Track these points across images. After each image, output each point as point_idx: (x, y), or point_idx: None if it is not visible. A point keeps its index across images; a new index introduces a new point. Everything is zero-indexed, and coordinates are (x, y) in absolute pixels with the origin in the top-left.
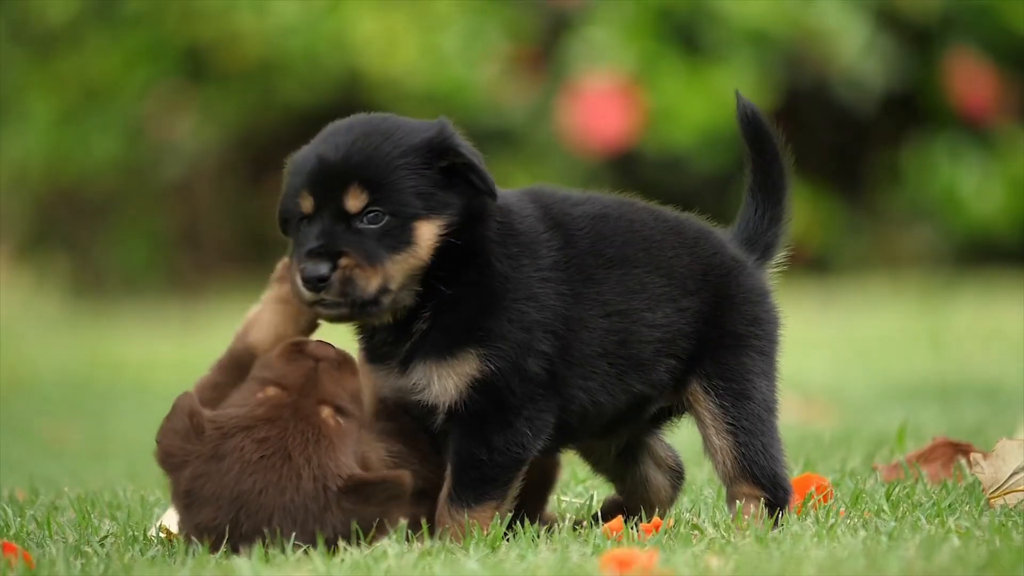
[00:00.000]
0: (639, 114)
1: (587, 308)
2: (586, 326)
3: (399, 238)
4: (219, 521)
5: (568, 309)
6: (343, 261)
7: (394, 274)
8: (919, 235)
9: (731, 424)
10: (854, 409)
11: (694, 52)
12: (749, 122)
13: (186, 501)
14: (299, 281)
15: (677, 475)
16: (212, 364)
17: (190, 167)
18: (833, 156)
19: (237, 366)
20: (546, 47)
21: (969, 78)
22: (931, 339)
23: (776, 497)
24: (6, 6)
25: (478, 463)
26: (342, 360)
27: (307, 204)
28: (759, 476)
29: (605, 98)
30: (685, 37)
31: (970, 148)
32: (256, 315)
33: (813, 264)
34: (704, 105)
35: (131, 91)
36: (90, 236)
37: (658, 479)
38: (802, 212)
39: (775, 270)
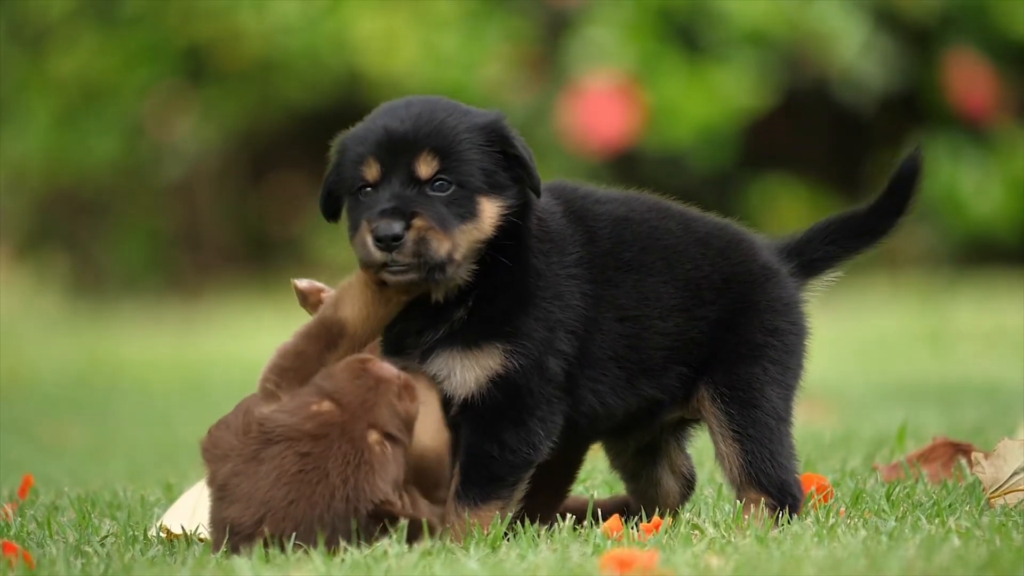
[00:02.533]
0: (639, 114)
1: (603, 311)
2: (600, 329)
3: (466, 208)
4: (244, 520)
5: (587, 310)
6: (417, 222)
7: (460, 243)
8: (919, 235)
9: (737, 432)
10: (854, 409)
11: (694, 52)
12: (907, 179)
13: (219, 494)
14: (370, 241)
15: (688, 484)
16: (297, 329)
17: (190, 167)
18: (832, 156)
19: (326, 335)
20: (546, 47)
21: (968, 78)
22: (931, 339)
23: (784, 504)
24: (5, 6)
25: (488, 460)
26: (404, 384)
27: (373, 171)
28: (766, 484)
29: (605, 98)
30: (685, 37)
31: (970, 148)
32: (347, 289)
33: None
34: (704, 104)
35: (131, 91)
36: (90, 236)
37: (669, 483)
38: (801, 211)
39: (818, 285)
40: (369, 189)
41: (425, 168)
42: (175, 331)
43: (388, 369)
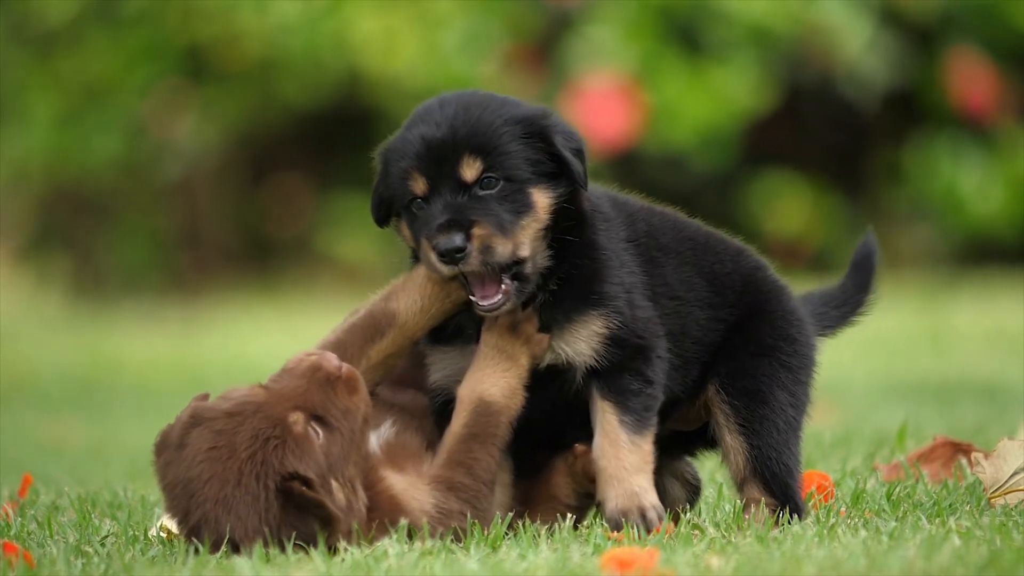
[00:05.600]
0: (640, 113)
1: (657, 284)
2: (658, 301)
3: (520, 202)
4: (176, 509)
5: (647, 280)
6: (476, 231)
7: (523, 239)
8: (920, 234)
9: (743, 425)
10: (854, 409)
11: (695, 51)
12: (865, 259)
13: (161, 486)
14: (434, 258)
15: (694, 489)
16: (340, 324)
17: (190, 167)
18: (834, 154)
19: (372, 327)
20: (546, 46)
21: (970, 77)
22: (931, 339)
23: (785, 507)
24: (6, 6)
25: (638, 391)
26: (346, 376)
27: (420, 185)
28: (769, 480)
29: (606, 97)
30: (686, 36)
31: (971, 147)
32: (406, 280)
33: (813, 263)
34: (705, 104)
35: (131, 91)
36: (90, 236)
37: (674, 490)
38: (803, 210)
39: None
40: (420, 201)
41: (469, 171)
42: (176, 331)
43: (329, 359)
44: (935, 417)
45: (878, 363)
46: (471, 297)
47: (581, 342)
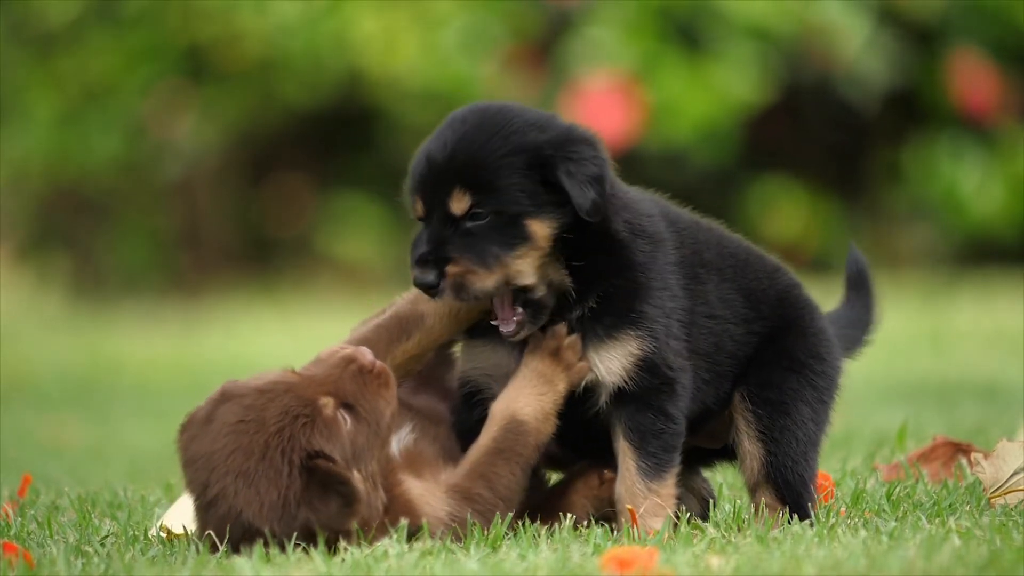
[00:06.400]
0: (640, 112)
1: (697, 304)
2: (696, 322)
3: (512, 234)
4: (195, 483)
5: (689, 303)
6: (450, 268)
7: (521, 268)
8: (919, 235)
9: (763, 432)
10: (854, 409)
11: (695, 49)
12: (858, 274)
13: (182, 462)
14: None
15: (707, 504)
16: (361, 324)
17: (190, 167)
18: (834, 155)
19: (399, 328)
20: (547, 45)
21: (970, 77)
22: (931, 339)
23: (794, 516)
24: (6, 6)
25: (659, 432)
26: (379, 371)
27: (419, 208)
28: (783, 488)
29: (606, 96)
30: (686, 34)
31: (971, 147)
32: None
33: (813, 264)
34: (705, 102)
35: (132, 91)
36: (90, 236)
37: (689, 504)
38: (802, 211)
39: None
40: (419, 220)
41: (458, 205)
42: (176, 331)
43: (364, 353)
44: (935, 417)
45: (878, 363)
46: (492, 323)
47: (615, 360)
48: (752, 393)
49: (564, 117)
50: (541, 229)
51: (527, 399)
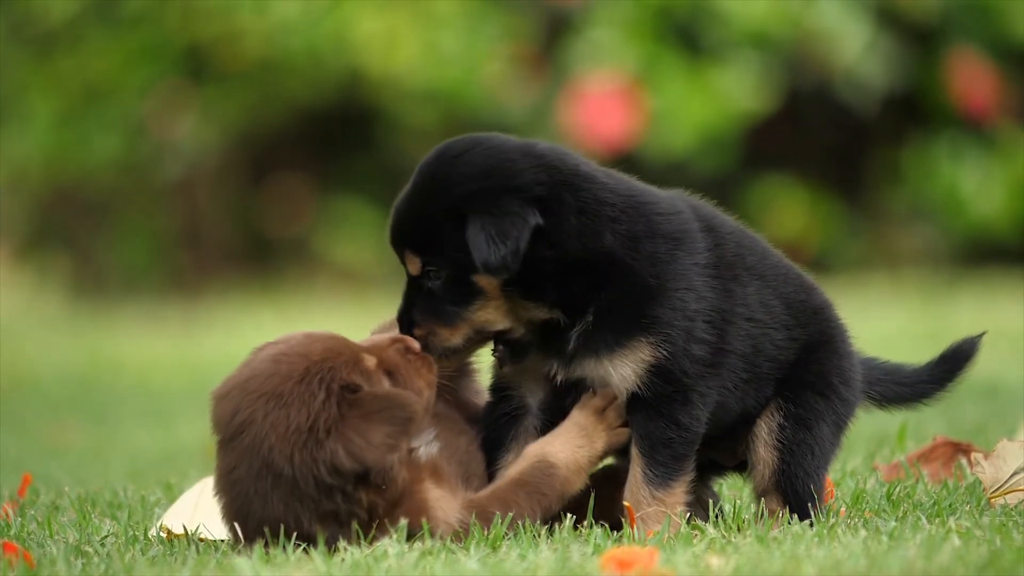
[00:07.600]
0: (640, 115)
1: (736, 305)
2: (733, 322)
3: (466, 291)
4: (224, 411)
5: (722, 303)
6: (416, 331)
7: (486, 318)
8: (919, 235)
9: (781, 443)
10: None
11: (695, 53)
12: (957, 355)
13: (212, 402)
14: None
15: (708, 507)
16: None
17: (190, 167)
18: (834, 156)
19: None
20: (547, 47)
21: (970, 78)
22: (931, 339)
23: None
24: (6, 6)
25: (668, 441)
26: (422, 356)
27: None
28: (791, 496)
29: (606, 99)
30: (686, 38)
31: (971, 148)
32: None
33: (813, 264)
34: (705, 106)
35: (131, 91)
36: (90, 236)
37: (698, 513)
38: (802, 213)
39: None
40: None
41: (412, 267)
42: (176, 331)
43: (412, 339)
44: (935, 417)
45: None
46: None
47: (628, 367)
48: (782, 406)
49: (564, 119)
50: (489, 283)
51: (563, 447)
